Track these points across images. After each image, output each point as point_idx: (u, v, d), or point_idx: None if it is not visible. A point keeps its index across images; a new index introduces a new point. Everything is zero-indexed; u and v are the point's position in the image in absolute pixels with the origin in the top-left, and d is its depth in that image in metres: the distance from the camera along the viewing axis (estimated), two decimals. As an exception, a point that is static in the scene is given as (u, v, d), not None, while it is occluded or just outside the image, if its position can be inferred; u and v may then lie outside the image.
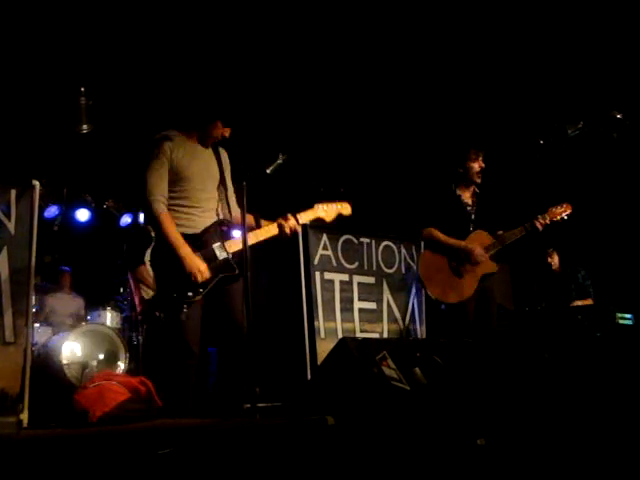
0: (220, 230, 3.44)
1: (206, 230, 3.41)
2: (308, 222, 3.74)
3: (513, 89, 6.02)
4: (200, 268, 3.27)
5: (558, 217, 4.64)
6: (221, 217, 3.51)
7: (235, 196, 3.60)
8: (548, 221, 4.60)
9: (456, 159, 4.70)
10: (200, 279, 3.26)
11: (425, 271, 4.70)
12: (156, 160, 3.39)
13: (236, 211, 3.57)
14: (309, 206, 3.70)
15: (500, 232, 4.64)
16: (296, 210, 3.64)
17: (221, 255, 3.37)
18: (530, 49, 5.54)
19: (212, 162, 3.57)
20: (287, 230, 3.49)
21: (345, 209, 3.81)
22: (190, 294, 3.26)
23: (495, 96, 6.12)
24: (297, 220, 3.55)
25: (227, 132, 3.50)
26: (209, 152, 3.57)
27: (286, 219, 3.51)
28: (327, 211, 3.73)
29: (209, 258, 3.35)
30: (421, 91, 6.08)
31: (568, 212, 4.67)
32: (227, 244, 3.40)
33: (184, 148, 3.46)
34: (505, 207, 4.90)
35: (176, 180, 3.41)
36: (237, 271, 3.36)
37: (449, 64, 5.77)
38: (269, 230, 3.49)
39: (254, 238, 3.43)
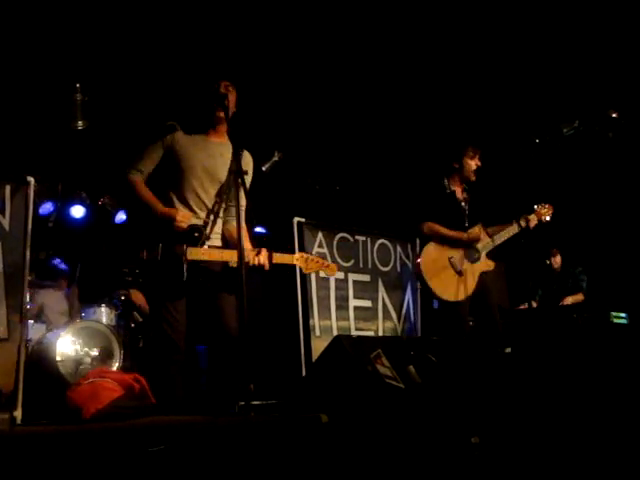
0: (192, 236, 3.30)
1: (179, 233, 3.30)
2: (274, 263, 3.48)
3: (509, 88, 6.02)
4: (179, 217, 3.23)
5: (542, 218, 4.64)
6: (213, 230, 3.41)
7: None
8: (537, 221, 4.60)
9: (452, 154, 4.69)
10: (184, 225, 3.23)
11: (428, 267, 4.60)
12: (151, 144, 3.38)
13: (232, 229, 3.41)
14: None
15: (491, 229, 4.65)
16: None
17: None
18: (526, 48, 5.54)
19: (220, 160, 3.43)
20: (251, 263, 3.29)
21: (331, 270, 3.73)
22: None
23: (491, 95, 6.12)
24: (270, 258, 3.38)
25: (230, 91, 3.43)
26: (223, 149, 3.44)
27: (259, 253, 3.34)
28: (308, 263, 3.61)
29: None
30: (416, 88, 6.08)
31: (550, 213, 4.67)
32: (189, 251, 3.24)
33: (191, 138, 3.40)
34: (498, 205, 4.91)
35: (174, 170, 3.35)
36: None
37: (445, 62, 5.77)
38: (232, 255, 3.26)
39: (217, 255, 3.34)
